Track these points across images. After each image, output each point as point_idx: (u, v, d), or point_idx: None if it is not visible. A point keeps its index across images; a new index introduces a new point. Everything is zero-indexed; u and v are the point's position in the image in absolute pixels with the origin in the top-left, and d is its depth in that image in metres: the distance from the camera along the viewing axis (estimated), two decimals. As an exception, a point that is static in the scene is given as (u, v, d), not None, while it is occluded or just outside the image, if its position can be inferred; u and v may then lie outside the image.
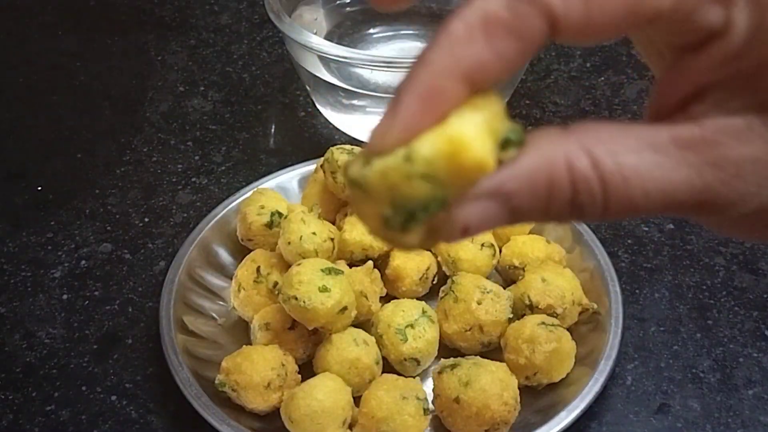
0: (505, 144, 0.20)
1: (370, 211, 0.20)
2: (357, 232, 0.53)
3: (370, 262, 0.53)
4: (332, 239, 0.53)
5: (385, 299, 0.53)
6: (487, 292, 0.51)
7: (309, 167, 0.62)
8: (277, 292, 0.50)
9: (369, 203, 0.20)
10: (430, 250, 0.56)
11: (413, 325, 0.50)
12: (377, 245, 0.54)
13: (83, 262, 0.61)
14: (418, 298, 0.53)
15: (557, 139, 0.20)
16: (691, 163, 0.21)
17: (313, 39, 0.63)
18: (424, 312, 0.51)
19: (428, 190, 0.19)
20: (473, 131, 0.19)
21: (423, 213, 0.20)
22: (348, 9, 0.77)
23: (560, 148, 0.20)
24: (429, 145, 0.19)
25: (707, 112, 0.21)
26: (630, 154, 0.20)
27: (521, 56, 0.20)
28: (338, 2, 0.77)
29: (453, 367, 0.47)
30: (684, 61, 0.22)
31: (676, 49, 0.22)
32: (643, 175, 0.20)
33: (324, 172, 0.57)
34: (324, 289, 0.47)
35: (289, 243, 0.52)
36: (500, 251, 0.56)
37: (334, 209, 0.58)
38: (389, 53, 0.73)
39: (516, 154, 0.20)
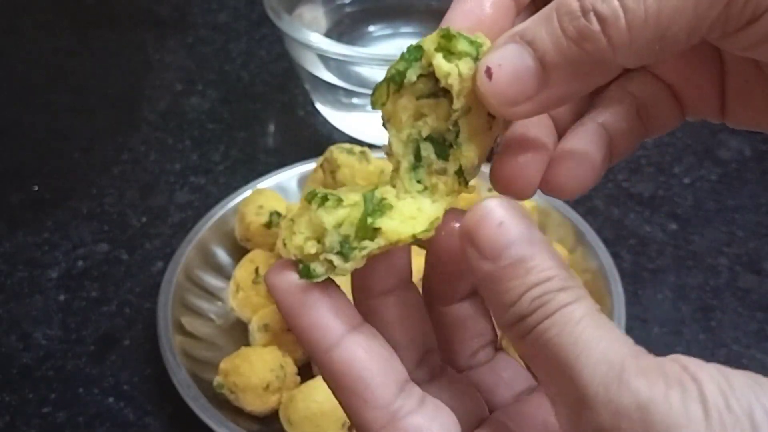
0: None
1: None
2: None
3: (370, 263, 0.52)
4: (332, 239, 0.52)
5: (385, 300, 0.53)
6: (489, 293, 0.51)
7: (308, 166, 0.61)
8: (276, 293, 0.50)
9: None
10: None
11: (414, 327, 0.50)
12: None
13: (80, 262, 0.61)
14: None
15: None
16: None
17: (312, 37, 0.62)
18: (424, 313, 0.51)
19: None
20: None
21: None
22: (347, 8, 0.76)
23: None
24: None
25: None
26: None
27: None
28: (338, 1, 0.76)
29: (454, 368, 0.47)
30: None
31: None
32: None
33: (323, 171, 0.57)
34: (323, 290, 0.47)
35: (288, 243, 0.51)
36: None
37: (334, 209, 0.58)
38: (388, 51, 0.73)
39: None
